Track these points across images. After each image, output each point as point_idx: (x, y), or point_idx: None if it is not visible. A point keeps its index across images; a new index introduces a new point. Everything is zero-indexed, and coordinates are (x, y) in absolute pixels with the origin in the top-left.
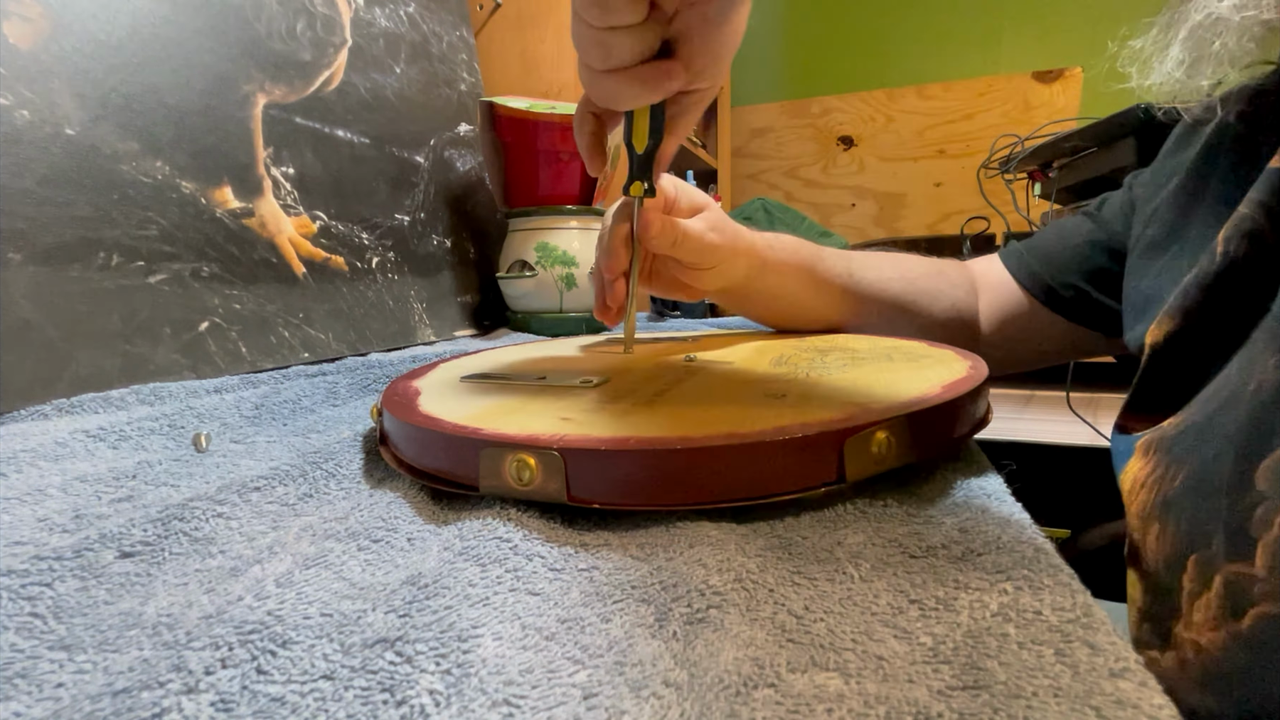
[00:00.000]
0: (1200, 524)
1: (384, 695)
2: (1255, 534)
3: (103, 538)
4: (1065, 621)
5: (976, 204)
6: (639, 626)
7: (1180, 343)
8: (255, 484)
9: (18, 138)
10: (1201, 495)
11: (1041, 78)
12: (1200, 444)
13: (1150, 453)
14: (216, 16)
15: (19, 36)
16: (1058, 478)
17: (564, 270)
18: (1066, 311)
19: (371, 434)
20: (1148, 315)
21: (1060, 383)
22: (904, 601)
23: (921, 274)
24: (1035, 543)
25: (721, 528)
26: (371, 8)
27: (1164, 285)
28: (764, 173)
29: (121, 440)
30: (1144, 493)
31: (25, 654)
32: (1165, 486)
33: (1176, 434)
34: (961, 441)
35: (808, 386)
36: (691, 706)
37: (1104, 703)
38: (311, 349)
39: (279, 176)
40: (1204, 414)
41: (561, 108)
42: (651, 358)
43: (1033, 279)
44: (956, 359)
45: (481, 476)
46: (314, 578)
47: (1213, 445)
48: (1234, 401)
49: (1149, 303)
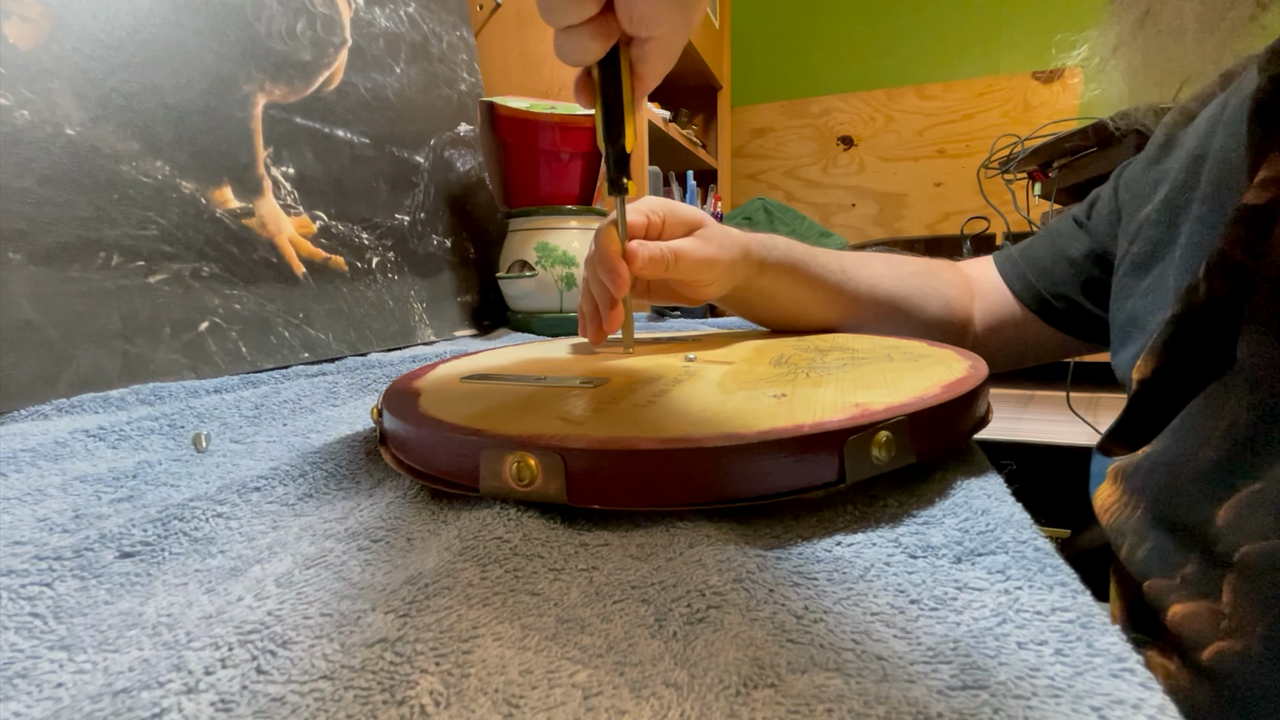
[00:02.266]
0: (1165, 556)
1: (384, 695)
2: (1219, 571)
3: (103, 538)
4: (1065, 621)
5: (976, 204)
6: (639, 626)
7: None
8: (255, 484)
9: (18, 138)
10: (1164, 528)
11: (1041, 78)
12: (1162, 477)
13: (1117, 480)
14: (216, 16)
15: (19, 36)
16: (1058, 478)
17: (564, 270)
18: (1059, 322)
19: (371, 434)
20: (1132, 340)
21: (1060, 383)
22: (904, 601)
23: (914, 273)
24: (1035, 543)
25: (721, 528)
26: (371, 8)
27: (1148, 307)
28: (764, 173)
29: (121, 440)
30: (1109, 517)
31: (25, 654)
32: (1128, 515)
33: (1146, 465)
34: (961, 441)
35: (808, 386)
36: (691, 706)
37: (1104, 703)
38: (311, 349)
39: (279, 176)
40: (1171, 449)
41: (561, 108)
42: (651, 358)
43: (1026, 289)
44: (956, 359)
45: (481, 477)
46: (314, 578)
47: (1176, 480)
48: (1202, 439)
49: (1134, 326)
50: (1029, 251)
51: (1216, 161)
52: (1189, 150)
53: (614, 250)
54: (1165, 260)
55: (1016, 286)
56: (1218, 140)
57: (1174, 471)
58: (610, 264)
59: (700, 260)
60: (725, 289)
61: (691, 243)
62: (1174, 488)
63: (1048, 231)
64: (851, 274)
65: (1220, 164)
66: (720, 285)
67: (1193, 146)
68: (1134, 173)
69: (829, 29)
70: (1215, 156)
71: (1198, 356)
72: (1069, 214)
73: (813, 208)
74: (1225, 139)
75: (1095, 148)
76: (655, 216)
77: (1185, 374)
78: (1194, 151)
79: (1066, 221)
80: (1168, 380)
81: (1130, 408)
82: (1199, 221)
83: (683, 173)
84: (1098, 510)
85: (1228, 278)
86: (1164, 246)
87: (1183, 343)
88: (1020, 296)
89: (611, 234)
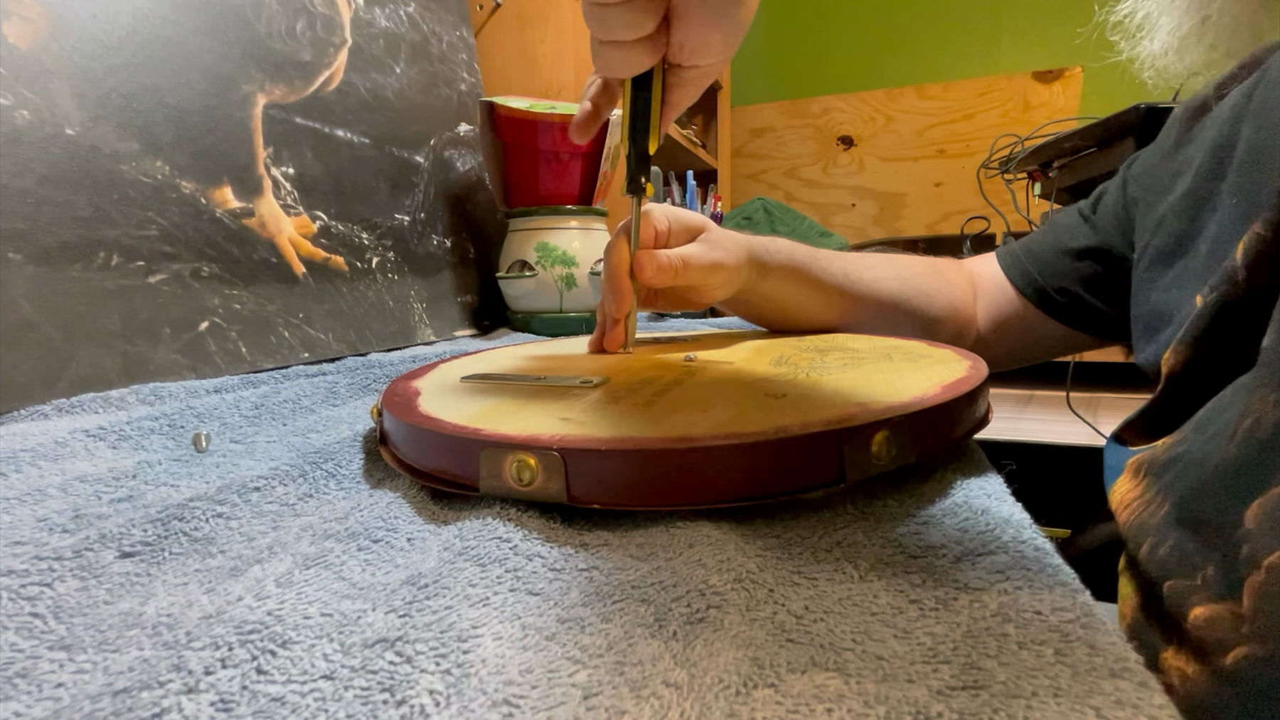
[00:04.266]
0: (1186, 556)
1: (384, 695)
2: (1242, 573)
3: (103, 538)
4: (1065, 621)
5: (976, 204)
6: (639, 626)
7: (1196, 369)
8: (255, 484)
9: (18, 138)
10: (1188, 527)
11: (1041, 78)
12: (1190, 474)
13: (1140, 474)
14: (216, 16)
15: (19, 36)
16: (1058, 478)
17: (564, 270)
18: (1061, 316)
19: (371, 434)
20: (1160, 335)
21: (1060, 383)
22: (904, 601)
23: (917, 273)
24: (1035, 543)
25: (721, 528)
26: (371, 8)
27: (1175, 300)
28: (764, 173)
29: (121, 440)
30: (1128, 514)
31: (25, 654)
32: (1152, 512)
33: (1167, 459)
34: (961, 441)
35: (808, 386)
36: (691, 706)
37: (1104, 703)
38: (311, 349)
39: (279, 176)
40: (1196, 443)
41: (561, 108)
42: (651, 358)
43: (1028, 283)
44: (956, 359)
45: (481, 477)
46: (314, 578)
47: (1203, 478)
48: (1227, 435)
49: (1160, 320)
50: (1031, 245)
51: (1248, 151)
52: (1212, 140)
53: (621, 269)
54: (1190, 252)
55: (1019, 281)
56: (1246, 129)
57: (1202, 468)
58: (615, 283)
59: (706, 265)
60: (729, 293)
61: (697, 248)
62: (1201, 486)
63: (1051, 225)
64: (854, 276)
65: (1252, 152)
66: (725, 289)
67: (1215, 136)
68: (1147, 165)
69: (829, 29)
70: (1245, 145)
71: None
72: (1074, 207)
73: (813, 208)
74: (1255, 129)
75: (1095, 148)
76: (662, 225)
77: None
78: (1217, 141)
79: (1071, 215)
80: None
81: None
82: (1229, 212)
83: (683, 173)
84: (1114, 506)
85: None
86: (1188, 239)
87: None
88: (1022, 290)
89: (622, 249)
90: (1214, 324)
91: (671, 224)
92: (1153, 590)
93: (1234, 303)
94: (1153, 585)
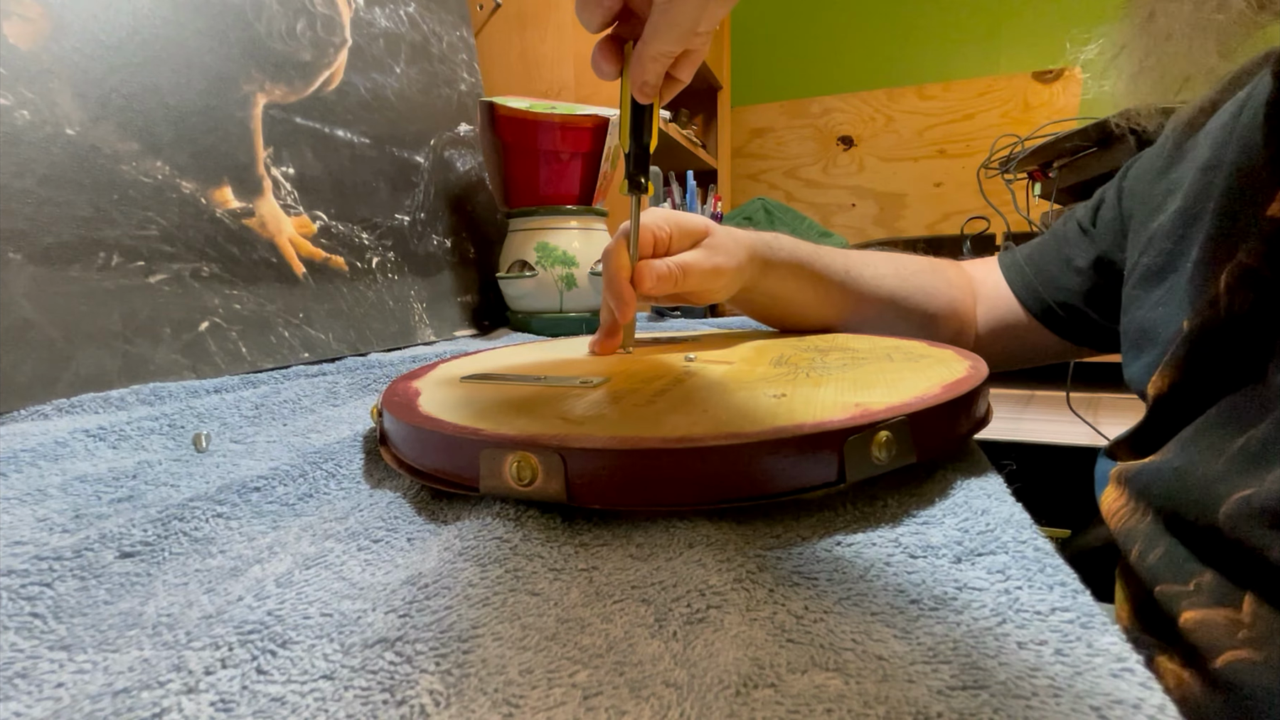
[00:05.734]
0: (1178, 562)
1: (384, 695)
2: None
3: (103, 538)
4: (1065, 621)
5: (976, 204)
6: (639, 626)
7: (1181, 393)
8: (255, 484)
9: (18, 138)
10: (1177, 535)
11: (1041, 78)
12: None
13: (1122, 484)
14: (216, 16)
15: (19, 36)
16: (1058, 478)
17: (564, 270)
18: (1062, 330)
19: (371, 434)
20: (1144, 352)
21: (1060, 383)
22: (904, 601)
23: (918, 272)
24: (1035, 543)
25: (721, 528)
26: (371, 8)
27: (1160, 319)
28: (764, 173)
29: (121, 440)
30: (1116, 521)
31: (25, 654)
32: (1137, 520)
33: (1152, 472)
34: (961, 441)
35: (808, 386)
36: (691, 706)
37: (1104, 703)
38: (311, 349)
39: (279, 176)
40: (1179, 456)
41: (561, 108)
42: (651, 358)
43: (1031, 296)
44: (956, 359)
45: (481, 477)
46: (314, 578)
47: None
48: (1215, 451)
49: (1146, 338)
50: (1034, 257)
51: (1232, 172)
52: (1202, 159)
53: (622, 275)
54: (1178, 271)
55: (1022, 293)
56: (1232, 151)
57: (1181, 478)
58: (616, 290)
59: (707, 270)
60: (731, 292)
61: (698, 255)
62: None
63: (1053, 236)
64: (855, 273)
65: (1236, 175)
66: (727, 290)
67: (1205, 156)
68: (1141, 178)
69: (829, 29)
70: (1230, 167)
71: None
72: (1074, 218)
73: (813, 208)
74: (1239, 150)
75: (1095, 148)
76: (662, 232)
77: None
78: (1208, 161)
79: (1072, 226)
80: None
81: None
82: (1214, 234)
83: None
84: (1105, 514)
85: (1250, 292)
86: (1176, 258)
87: (1201, 357)
88: (1025, 303)
89: (621, 255)
90: (1197, 349)
91: (672, 230)
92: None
93: (1217, 329)
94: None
